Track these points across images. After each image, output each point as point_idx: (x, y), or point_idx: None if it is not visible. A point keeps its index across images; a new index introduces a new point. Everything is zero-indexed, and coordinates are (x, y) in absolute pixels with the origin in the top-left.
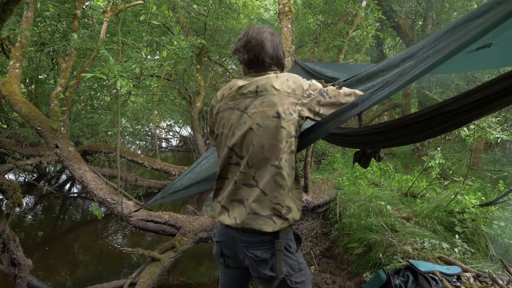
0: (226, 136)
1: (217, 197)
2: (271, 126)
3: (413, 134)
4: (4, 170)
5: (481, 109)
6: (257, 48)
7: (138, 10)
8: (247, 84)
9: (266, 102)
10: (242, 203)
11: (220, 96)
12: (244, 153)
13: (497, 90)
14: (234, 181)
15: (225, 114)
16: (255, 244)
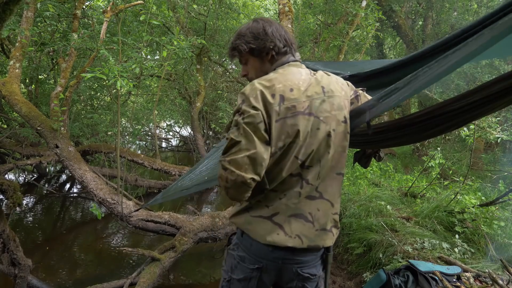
0: (296, 146)
1: (256, 211)
2: (341, 131)
3: (414, 134)
4: (4, 170)
5: (481, 109)
6: (286, 30)
7: (138, 10)
8: (311, 82)
9: (336, 104)
10: (303, 218)
11: (273, 98)
12: (314, 163)
13: (497, 90)
14: (297, 194)
15: (294, 121)
16: (311, 262)
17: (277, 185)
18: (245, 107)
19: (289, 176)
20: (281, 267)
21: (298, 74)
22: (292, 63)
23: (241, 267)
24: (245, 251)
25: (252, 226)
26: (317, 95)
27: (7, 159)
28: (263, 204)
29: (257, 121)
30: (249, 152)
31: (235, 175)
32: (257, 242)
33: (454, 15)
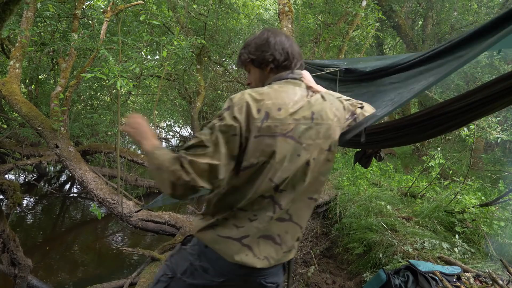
0: (271, 167)
1: (224, 230)
2: (322, 159)
3: (414, 134)
4: (4, 170)
5: (482, 109)
6: (293, 44)
7: (138, 10)
8: (299, 108)
9: (322, 133)
10: (272, 240)
11: (259, 113)
12: (289, 188)
13: (498, 91)
14: (269, 218)
15: (273, 141)
16: (274, 273)
17: (247, 205)
18: (227, 115)
19: (261, 197)
20: (246, 280)
21: (292, 94)
22: (291, 80)
23: (201, 275)
24: (210, 264)
25: (220, 246)
26: (305, 120)
27: (7, 159)
28: (231, 223)
29: (232, 133)
30: (212, 161)
31: (190, 177)
32: (224, 259)
33: (454, 15)
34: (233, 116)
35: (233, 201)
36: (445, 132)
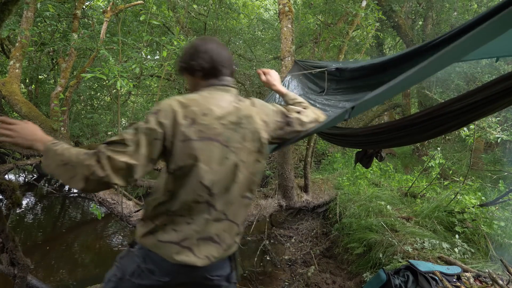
0: (199, 170)
1: (163, 235)
2: (251, 161)
3: (414, 135)
4: (4, 170)
5: (482, 110)
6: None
7: (138, 10)
8: (226, 113)
9: (250, 136)
10: (211, 240)
11: (185, 119)
12: (222, 191)
13: (498, 91)
14: (205, 220)
15: (199, 144)
16: (219, 266)
17: (183, 210)
18: (153, 119)
19: (196, 203)
20: (190, 276)
21: (220, 100)
22: (220, 87)
23: (148, 277)
24: (155, 266)
25: (161, 250)
26: (231, 125)
27: (7, 159)
28: (170, 228)
29: (155, 137)
30: (131, 161)
31: (105, 173)
32: (167, 261)
33: (454, 15)
34: (159, 121)
35: (169, 205)
36: (446, 132)
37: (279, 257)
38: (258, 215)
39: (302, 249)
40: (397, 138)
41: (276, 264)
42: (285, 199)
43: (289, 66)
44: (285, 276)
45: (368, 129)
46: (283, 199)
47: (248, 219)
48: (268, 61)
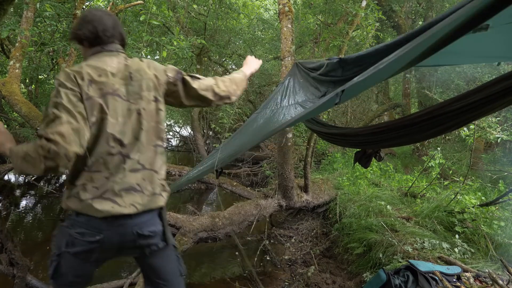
0: (108, 123)
1: (85, 194)
2: (152, 109)
3: (414, 134)
4: (4, 170)
5: (482, 109)
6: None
7: (138, 10)
8: (121, 69)
9: (145, 86)
10: (132, 190)
11: (83, 80)
12: (132, 140)
13: (498, 90)
14: (122, 170)
15: (102, 100)
16: (149, 221)
17: (100, 166)
18: (62, 89)
19: (110, 155)
20: (121, 232)
21: (110, 61)
22: (106, 52)
23: (80, 242)
24: (84, 227)
25: (87, 209)
26: (126, 80)
27: (7, 159)
28: (90, 186)
29: (76, 99)
30: (72, 125)
31: (60, 146)
32: (94, 217)
33: None
34: (70, 88)
35: (85, 162)
36: (446, 132)
37: (279, 257)
38: (258, 215)
39: (302, 249)
40: (397, 137)
41: (276, 264)
42: (285, 199)
43: (289, 66)
44: (285, 276)
45: (368, 129)
46: (283, 199)
47: (248, 219)
48: (268, 61)
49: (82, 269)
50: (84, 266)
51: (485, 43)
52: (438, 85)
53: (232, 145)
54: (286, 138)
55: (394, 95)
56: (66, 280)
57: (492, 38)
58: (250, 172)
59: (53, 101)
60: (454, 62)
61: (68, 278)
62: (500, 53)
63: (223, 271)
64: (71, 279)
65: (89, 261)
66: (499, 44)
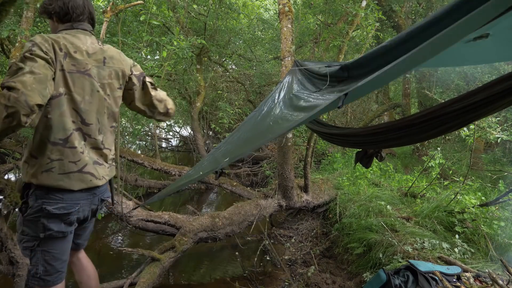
0: (73, 99)
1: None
2: (116, 96)
3: (414, 135)
4: (4, 170)
5: (482, 110)
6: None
7: (138, 10)
8: (95, 50)
9: (114, 73)
10: (98, 164)
11: (61, 51)
12: (93, 121)
13: (499, 91)
14: (90, 147)
15: (71, 76)
16: (105, 189)
17: (74, 142)
18: (36, 49)
19: (76, 131)
20: (92, 200)
21: (84, 40)
22: (80, 30)
23: (57, 218)
24: (61, 202)
25: (65, 182)
26: (98, 63)
27: (7, 159)
28: (67, 160)
29: (47, 58)
30: (36, 75)
31: (20, 93)
32: (70, 191)
33: None
34: (42, 50)
35: (54, 134)
36: (446, 132)
37: (279, 257)
38: (258, 215)
39: (302, 249)
40: (397, 138)
41: (276, 264)
42: (285, 199)
43: (289, 66)
44: (285, 276)
45: (368, 129)
46: (283, 199)
47: (248, 219)
48: (268, 61)
49: (62, 247)
50: (63, 243)
51: (486, 49)
52: (438, 85)
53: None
54: (286, 138)
55: (394, 95)
56: (55, 268)
57: (493, 44)
58: (250, 172)
59: (21, 56)
60: (454, 65)
61: (56, 265)
62: (501, 58)
63: (223, 271)
64: (57, 264)
65: (66, 236)
66: (500, 48)
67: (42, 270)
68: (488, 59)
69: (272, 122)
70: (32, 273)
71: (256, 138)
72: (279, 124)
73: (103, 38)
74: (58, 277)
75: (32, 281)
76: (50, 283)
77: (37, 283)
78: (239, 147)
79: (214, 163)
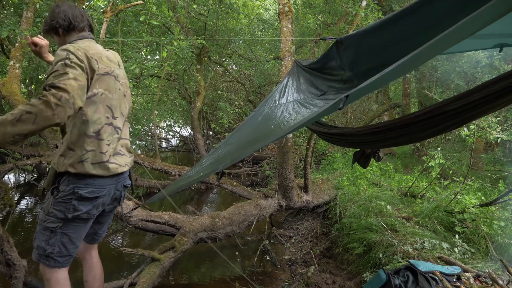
0: (107, 97)
1: (97, 158)
2: (129, 93)
3: (414, 134)
4: (4, 170)
5: (481, 109)
6: (74, 10)
7: (138, 10)
8: (110, 56)
9: (124, 75)
10: (120, 154)
11: (92, 57)
12: (119, 115)
13: (497, 90)
14: (116, 139)
15: (104, 77)
16: (127, 177)
17: (102, 134)
18: (73, 57)
19: (107, 125)
20: (116, 186)
21: (99, 47)
22: (91, 39)
23: (88, 200)
24: (91, 187)
25: (96, 170)
26: (116, 65)
27: (7, 159)
28: (98, 151)
29: (83, 66)
30: (79, 82)
31: (70, 95)
32: (101, 176)
33: None
34: (78, 58)
35: (90, 129)
36: (445, 131)
37: (279, 257)
38: (258, 215)
39: (302, 249)
40: (396, 137)
41: (276, 264)
42: (285, 199)
43: (289, 66)
44: (285, 276)
45: (367, 129)
46: (283, 199)
47: (248, 219)
48: (268, 61)
49: (81, 232)
50: (82, 228)
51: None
52: (438, 85)
53: (232, 144)
54: (286, 138)
55: (394, 95)
56: (68, 251)
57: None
58: (250, 172)
59: (62, 62)
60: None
61: (70, 248)
62: (500, 31)
63: (223, 271)
64: (71, 248)
65: (89, 219)
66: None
67: (57, 250)
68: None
69: (274, 126)
70: (48, 252)
71: (257, 140)
72: (281, 128)
73: (103, 38)
74: (67, 261)
75: (43, 260)
76: (60, 264)
77: (48, 262)
78: (240, 148)
79: (215, 164)
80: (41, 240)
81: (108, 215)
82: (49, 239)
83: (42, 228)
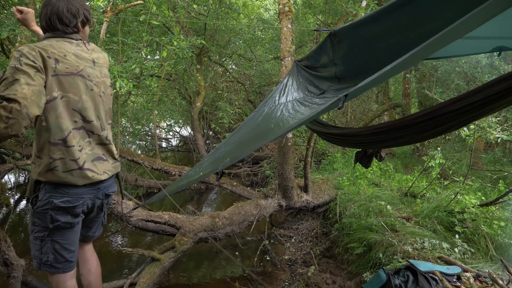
0: (70, 100)
1: (67, 166)
2: (109, 93)
3: (414, 135)
4: (4, 170)
5: (482, 110)
6: (59, 9)
7: (138, 10)
8: (83, 53)
9: (104, 73)
10: (101, 159)
11: (49, 58)
12: (93, 118)
13: (498, 91)
14: (88, 143)
15: (67, 78)
16: (111, 184)
17: (72, 141)
18: (24, 59)
19: (76, 130)
20: (96, 194)
21: (70, 45)
22: (67, 38)
23: (64, 211)
24: (66, 196)
25: (70, 178)
26: (89, 64)
27: (7, 159)
28: (68, 159)
29: (35, 65)
30: (32, 87)
31: (22, 105)
32: (75, 186)
33: None
34: (30, 59)
35: (54, 136)
36: (446, 132)
37: (279, 257)
38: (258, 215)
39: (302, 249)
40: (397, 138)
41: (276, 264)
42: (285, 199)
43: (289, 66)
44: (285, 276)
45: (368, 129)
46: (283, 199)
47: (248, 219)
48: (268, 61)
49: (70, 238)
50: (71, 234)
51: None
52: (438, 85)
53: (232, 144)
54: (286, 138)
55: (394, 95)
56: (63, 257)
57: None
58: (250, 172)
59: (12, 67)
60: (450, 53)
61: (64, 254)
62: (499, 33)
63: (223, 271)
64: (66, 254)
65: (74, 227)
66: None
67: (52, 258)
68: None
69: (274, 125)
70: (44, 260)
71: (257, 140)
72: (280, 127)
73: (103, 38)
74: (67, 266)
75: (44, 268)
76: (60, 270)
77: (48, 269)
78: (240, 148)
79: (215, 164)
80: (35, 249)
81: (95, 220)
82: (40, 248)
83: (33, 238)
